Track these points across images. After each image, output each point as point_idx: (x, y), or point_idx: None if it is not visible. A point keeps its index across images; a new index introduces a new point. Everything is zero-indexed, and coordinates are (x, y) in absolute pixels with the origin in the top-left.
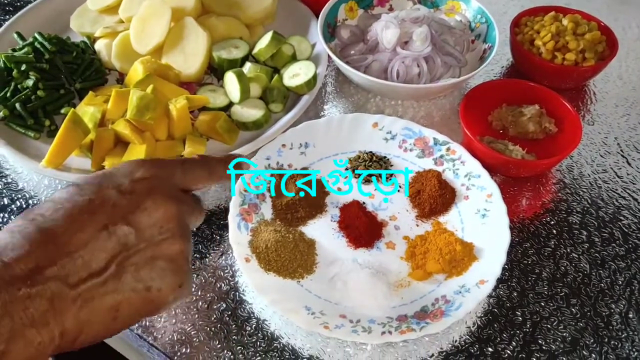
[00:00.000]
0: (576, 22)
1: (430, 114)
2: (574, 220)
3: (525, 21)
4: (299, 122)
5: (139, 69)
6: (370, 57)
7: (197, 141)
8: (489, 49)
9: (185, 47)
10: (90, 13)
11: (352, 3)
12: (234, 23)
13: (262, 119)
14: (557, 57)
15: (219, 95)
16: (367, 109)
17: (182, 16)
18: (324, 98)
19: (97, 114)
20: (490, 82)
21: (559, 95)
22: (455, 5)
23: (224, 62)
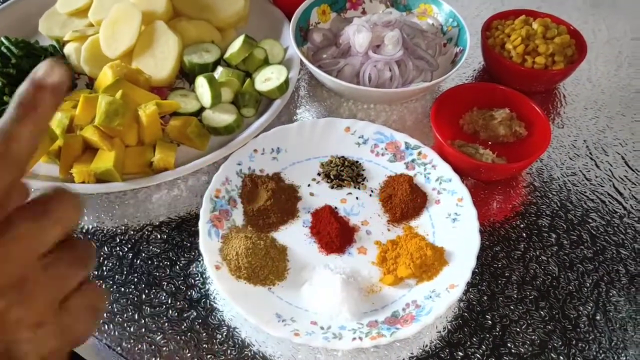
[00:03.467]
0: (546, 25)
1: (403, 118)
2: (543, 223)
3: (496, 25)
4: (272, 127)
5: (109, 74)
6: (342, 61)
7: (167, 147)
8: (460, 52)
9: (156, 51)
10: (60, 16)
11: (324, 6)
12: (205, 27)
13: (233, 124)
14: (527, 61)
15: (190, 100)
16: (340, 113)
17: (152, 20)
18: (296, 102)
19: (65, 120)
20: (461, 86)
21: (529, 99)
22: (427, 9)
23: (195, 66)
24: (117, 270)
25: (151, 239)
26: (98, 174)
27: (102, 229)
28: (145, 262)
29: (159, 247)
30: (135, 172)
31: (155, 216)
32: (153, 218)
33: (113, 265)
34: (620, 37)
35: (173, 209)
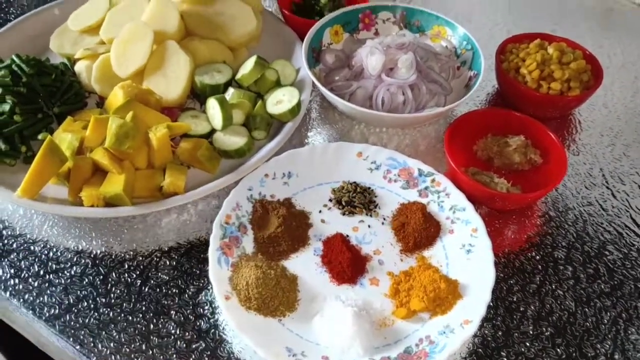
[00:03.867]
0: (561, 50)
1: (416, 142)
2: (559, 255)
3: (510, 48)
4: (283, 150)
5: (119, 94)
6: (355, 84)
7: (177, 170)
8: (474, 76)
9: (167, 71)
10: (71, 33)
11: (337, 27)
12: (217, 46)
13: (244, 147)
14: (542, 86)
15: (201, 122)
16: (352, 137)
17: (164, 39)
18: (308, 124)
19: (75, 142)
20: (475, 112)
21: (544, 127)
22: (441, 31)
23: (207, 87)
24: (125, 297)
25: (160, 265)
26: (107, 198)
27: (110, 254)
28: (154, 289)
29: (167, 274)
30: (144, 196)
31: (164, 241)
32: (162, 243)
33: (121, 293)
34: (636, 61)
35: (182, 234)
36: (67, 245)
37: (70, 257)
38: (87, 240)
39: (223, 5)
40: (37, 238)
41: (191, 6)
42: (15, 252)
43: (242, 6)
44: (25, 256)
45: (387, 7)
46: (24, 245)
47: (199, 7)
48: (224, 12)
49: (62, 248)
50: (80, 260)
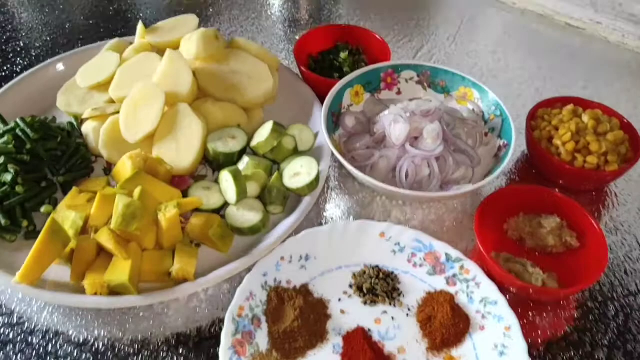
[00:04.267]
0: (597, 119)
1: (441, 218)
2: (599, 356)
3: (542, 114)
4: (300, 226)
5: (127, 165)
6: (377, 153)
7: (187, 254)
8: (504, 147)
9: (179, 137)
10: (79, 90)
11: (358, 87)
12: (231, 109)
13: (259, 224)
14: (577, 159)
15: (214, 194)
16: (373, 210)
17: (176, 101)
18: (326, 195)
19: (79, 221)
20: (506, 189)
21: (581, 207)
22: (467, 93)
23: (220, 155)
24: None
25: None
26: (112, 286)
27: (113, 348)
28: None
29: None
30: (152, 281)
31: (172, 332)
32: (169, 334)
33: None
34: None
35: (192, 322)
36: (67, 337)
37: (71, 352)
38: (90, 331)
39: (238, 63)
40: (36, 327)
41: (204, 64)
42: (11, 344)
43: (258, 64)
44: (22, 349)
45: (411, 65)
46: (22, 335)
47: (213, 65)
48: (239, 70)
49: (62, 340)
50: (81, 355)
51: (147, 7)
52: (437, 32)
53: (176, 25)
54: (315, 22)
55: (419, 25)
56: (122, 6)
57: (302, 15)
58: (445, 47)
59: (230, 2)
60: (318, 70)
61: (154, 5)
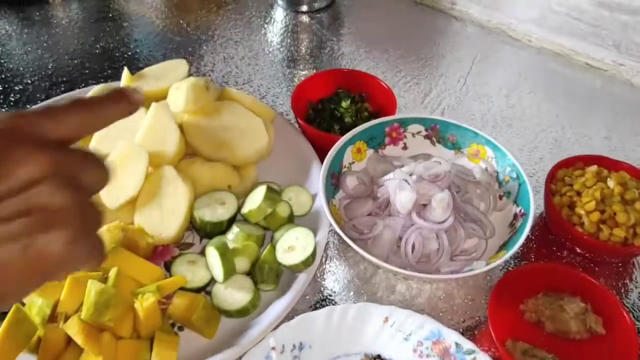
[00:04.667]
0: (624, 184)
1: (450, 294)
2: None
3: (562, 175)
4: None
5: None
6: (381, 223)
7: (167, 343)
8: (521, 215)
9: (163, 204)
10: None
11: (360, 144)
12: (221, 169)
13: (248, 306)
14: (602, 231)
15: (199, 269)
16: (375, 284)
17: (161, 162)
18: (324, 265)
19: (47, 309)
20: (525, 268)
21: (608, 290)
22: (479, 150)
23: (207, 225)
24: None
25: None
26: None
27: None
28: None
29: None
30: None
31: None
32: None
33: None
34: None
35: None
36: None
37: None
38: None
39: (230, 117)
40: None
41: (194, 117)
42: None
43: (252, 119)
44: None
45: (418, 119)
46: None
47: (203, 119)
48: (231, 125)
49: None
50: None
51: (136, 45)
52: (447, 73)
53: (165, 71)
54: (317, 60)
55: (427, 65)
56: (110, 44)
57: (303, 55)
58: (456, 91)
59: (225, 39)
60: (317, 121)
61: (144, 43)
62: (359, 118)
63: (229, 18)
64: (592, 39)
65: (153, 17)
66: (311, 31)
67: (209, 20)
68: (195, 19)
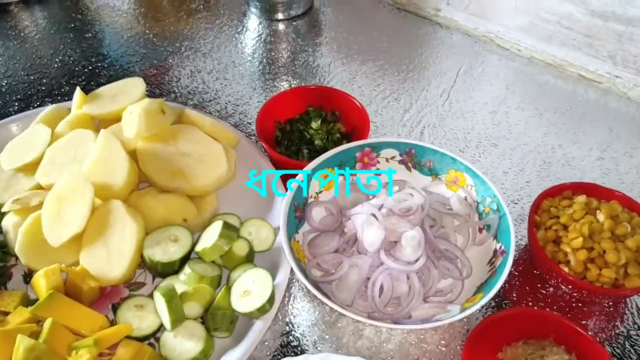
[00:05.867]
0: (615, 217)
1: (423, 339)
2: None
3: (548, 206)
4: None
5: (42, 284)
6: (347, 262)
7: None
8: (501, 253)
9: (110, 242)
10: (3, 173)
11: (329, 169)
12: (175, 202)
13: (199, 356)
14: (590, 270)
15: (148, 315)
16: (342, 328)
17: (109, 195)
18: (287, 307)
19: None
20: (502, 314)
21: (597, 341)
22: (458, 177)
23: (158, 265)
24: None
25: None
26: None
27: None
28: None
29: None
30: None
31: None
32: None
33: None
34: None
35: None
36: None
37: None
38: None
39: (188, 143)
40: None
41: (148, 144)
42: None
43: (212, 145)
44: None
45: (392, 143)
46: None
47: (158, 145)
48: (188, 152)
49: None
50: None
51: (98, 59)
52: (429, 87)
53: (120, 90)
54: (289, 73)
55: (408, 78)
56: (70, 57)
57: (275, 67)
58: (438, 107)
59: (193, 50)
60: (285, 143)
61: (107, 56)
62: (329, 140)
63: (199, 27)
64: (586, 49)
65: (118, 27)
66: (286, 41)
67: (177, 30)
68: (162, 29)
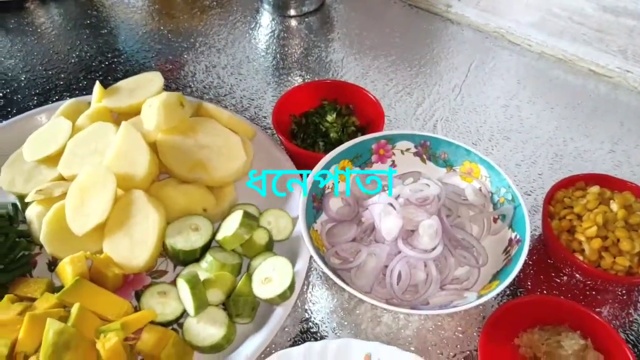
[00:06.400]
0: (628, 206)
1: (440, 326)
2: None
3: (562, 196)
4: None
5: (68, 271)
6: (365, 250)
7: None
8: (516, 242)
9: (133, 231)
10: (25, 164)
11: (345, 162)
12: (195, 192)
13: (222, 341)
14: (604, 259)
15: (170, 302)
16: (360, 315)
17: (131, 185)
18: (305, 295)
19: (4, 348)
20: (521, 301)
21: (609, 326)
22: (473, 169)
23: (180, 253)
24: None
25: None
26: None
27: None
28: None
29: None
30: None
31: None
32: None
33: None
34: None
35: None
36: None
37: None
38: None
39: (207, 135)
40: None
41: (167, 137)
42: None
43: (231, 137)
44: None
45: (407, 135)
46: None
47: (177, 138)
48: (207, 144)
49: None
50: None
51: (115, 55)
52: (441, 82)
53: (139, 84)
54: (303, 68)
55: (420, 73)
56: (87, 53)
57: (289, 62)
58: (450, 101)
59: (207, 46)
60: (301, 136)
61: (122, 51)
62: (344, 133)
63: (212, 24)
64: (597, 44)
65: (133, 23)
66: (299, 37)
67: (191, 26)
68: (177, 25)
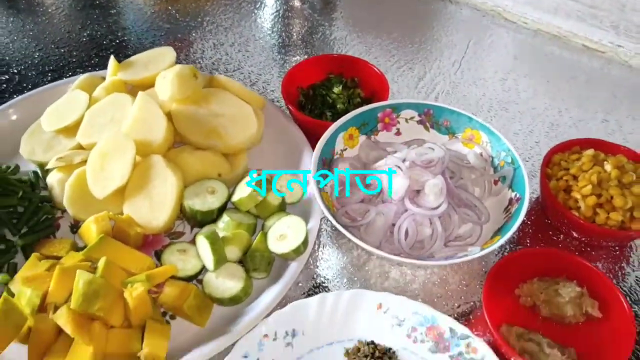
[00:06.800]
0: (621, 167)
1: (445, 279)
2: None
3: (558, 160)
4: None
5: (93, 229)
6: (373, 210)
7: (158, 332)
8: (516, 201)
9: (152, 193)
10: (44, 134)
11: (352, 130)
12: (210, 158)
13: (240, 294)
14: (599, 215)
15: (190, 259)
16: (369, 271)
17: (149, 151)
18: (317, 253)
19: (36, 299)
20: (520, 253)
21: (604, 275)
22: (474, 135)
23: (197, 213)
24: None
25: None
26: None
27: None
28: None
29: None
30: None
31: None
32: None
33: None
34: None
35: None
36: None
37: None
38: None
39: (220, 105)
40: None
41: (182, 106)
42: None
43: (243, 106)
44: None
45: (411, 104)
46: None
47: (191, 107)
48: (220, 113)
49: None
50: None
51: (124, 33)
52: (441, 57)
53: (152, 59)
54: (308, 46)
55: (421, 49)
56: (97, 32)
57: (294, 40)
58: (450, 75)
59: (215, 25)
60: (309, 107)
61: (132, 30)
62: (350, 104)
63: (219, 4)
64: (590, 21)
65: (141, 3)
66: (302, 16)
67: (198, 7)
68: (184, 5)
